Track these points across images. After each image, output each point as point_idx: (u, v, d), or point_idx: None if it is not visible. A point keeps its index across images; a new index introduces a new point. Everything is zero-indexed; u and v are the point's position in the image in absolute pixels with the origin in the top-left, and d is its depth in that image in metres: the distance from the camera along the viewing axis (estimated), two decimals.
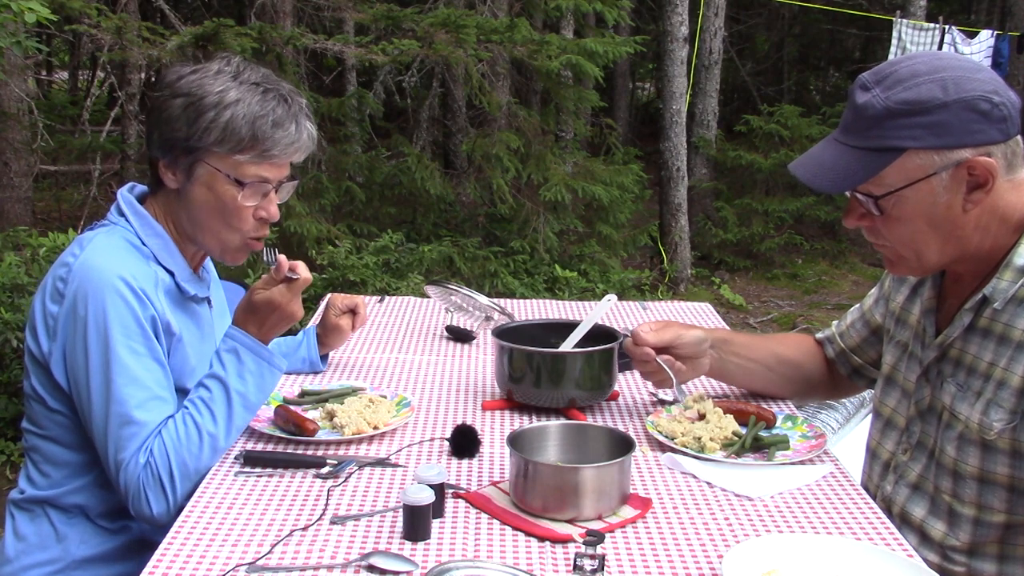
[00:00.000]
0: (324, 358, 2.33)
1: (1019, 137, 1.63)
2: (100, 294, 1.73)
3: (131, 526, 1.87)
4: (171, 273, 1.88)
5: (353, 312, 2.28)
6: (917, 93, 1.57)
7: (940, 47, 8.86)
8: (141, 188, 1.97)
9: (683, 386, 2.07)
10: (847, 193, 1.70)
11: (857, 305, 2.13)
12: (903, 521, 1.78)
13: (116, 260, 1.78)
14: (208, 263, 2.08)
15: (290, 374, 2.28)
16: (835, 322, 2.19)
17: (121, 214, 1.88)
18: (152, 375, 1.76)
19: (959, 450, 1.69)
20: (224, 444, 1.78)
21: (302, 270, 1.85)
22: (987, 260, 1.69)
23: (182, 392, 1.85)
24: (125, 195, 1.91)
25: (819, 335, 2.20)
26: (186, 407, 1.78)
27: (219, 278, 2.22)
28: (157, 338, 1.79)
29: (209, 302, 2.02)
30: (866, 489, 1.90)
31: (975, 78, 1.58)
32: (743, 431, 1.91)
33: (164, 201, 1.91)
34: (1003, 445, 1.63)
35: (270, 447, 1.85)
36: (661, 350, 2.01)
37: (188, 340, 1.90)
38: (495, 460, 1.81)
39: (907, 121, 1.58)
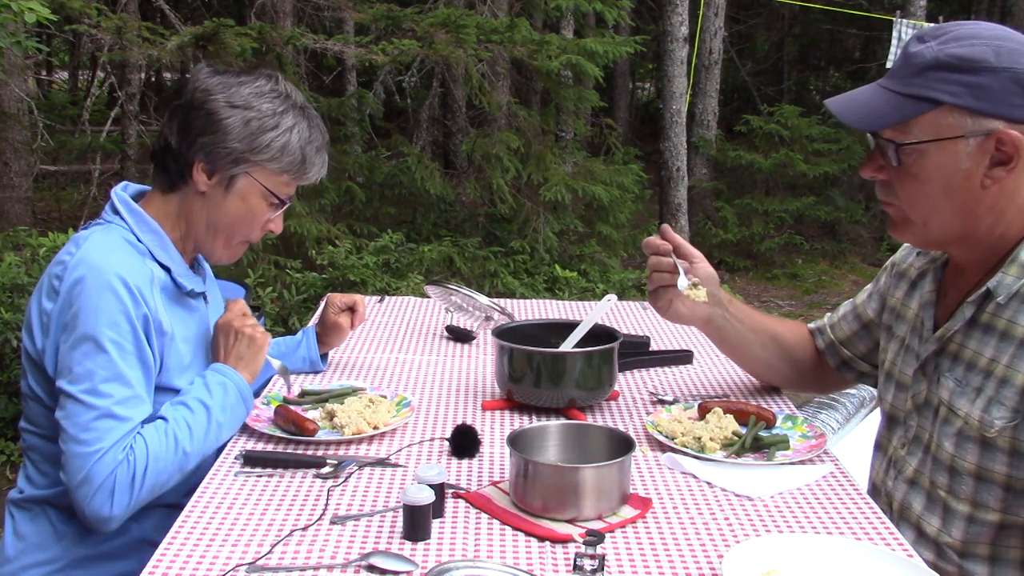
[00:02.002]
0: (324, 357, 2.33)
1: None
2: (94, 290, 1.73)
3: (131, 525, 1.87)
4: (167, 269, 1.89)
5: (352, 310, 2.30)
6: (970, 51, 1.57)
7: None
8: (135, 187, 1.97)
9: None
10: (871, 143, 1.69)
11: (851, 299, 2.14)
12: (902, 517, 1.78)
13: (112, 257, 1.78)
14: (202, 259, 2.09)
15: (290, 374, 2.28)
16: (828, 314, 2.19)
17: (116, 212, 1.89)
18: (135, 374, 1.76)
19: (957, 446, 1.68)
20: (189, 466, 1.79)
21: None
22: (993, 251, 1.68)
23: (168, 391, 1.85)
24: (119, 193, 1.92)
25: (811, 325, 2.20)
26: (166, 420, 1.77)
27: (221, 277, 2.23)
28: (147, 338, 1.79)
29: (205, 297, 2.03)
30: (874, 486, 1.91)
31: None
32: (743, 431, 1.91)
33: (179, 199, 1.92)
34: (1003, 443, 1.63)
35: (270, 447, 1.85)
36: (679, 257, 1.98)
37: (183, 336, 1.90)
38: (495, 460, 1.81)
39: (951, 76, 1.57)
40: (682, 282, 1.95)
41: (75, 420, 1.71)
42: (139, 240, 1.86)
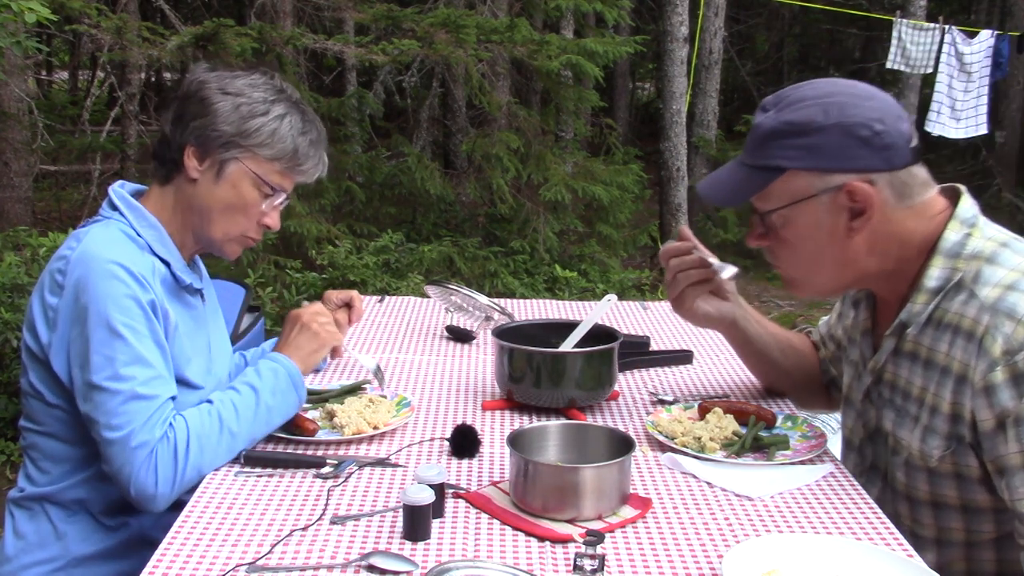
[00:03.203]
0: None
1: (913, 168, 1.63)
2: (100, 280, 1.74)
3: (130, 522, 1.87)
4: (167, 263, 1.89)
5: (348, 306, 2.29)
6: (799, 115, 1.62)
7: (940, 47, 8.87)
8: (132, 186, 1.98)
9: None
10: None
11: (826, 318, 2.14)
12: None
13: (114, 249, 1.79)
14: (199, 259, 2.09)
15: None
16: (817, 329, 2.18)
17: (114, 208, 1.89)
18: (154, 355, 1.77)
19: (908, 476, 1.69)
20: (239, 447, 1.79)
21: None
22: (903, 281, 1.69)
23: (180, 383, 1.85)
24: (117, 190, 1.93)
25: (813, 338, 2.20)
26: (211, 402, 1.79)
27: (221, 277, 2.23)
28: (158, 321, 1.80)
29: (202, 295, 2.03)
30: None
31: (863, 105, 1.61)
32: (743, 431, 1.91)
33: (175, 190, 1.92)
34: (946, 470, 1.63)
35: (270, 447, 1.85)
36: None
37: (184, 330, 1.90)
38: (495, 460, 1.81)
39: (788, 142, 1.62)
40: (728, 270, 1.94)
41: (103, 408, 1.72)
42: (138, 235, 1.87)
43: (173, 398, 1.78)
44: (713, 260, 1.96)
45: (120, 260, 1.76)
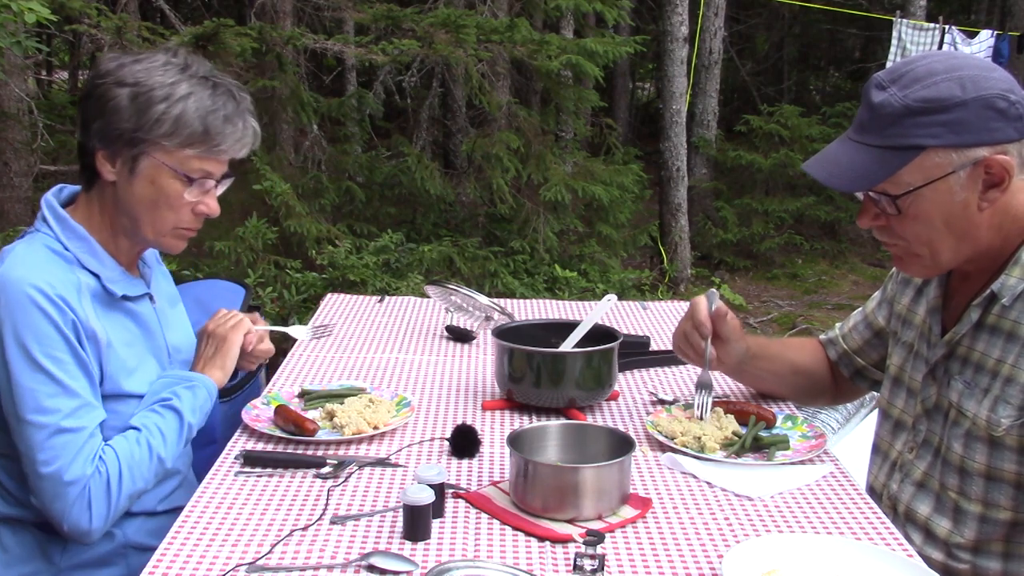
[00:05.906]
0: (256, 373, 2.25)
1: None
2: (15, 307, 1.66)
3: (115, 532, 1.84)
4: (96, 276, 1.80)
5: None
6: (936, 91, 1.57)
7: (940, 47, 8.87)
8: (71, 189, 1.90)
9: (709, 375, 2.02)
10: (858, 195, 1.70)
11: (860, 308, 2.14)
12: (908, 519, 1.78)
13: (32, 269, 1.71)
14: (148, 257, 2.01)
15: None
16: (838, 324, 2.19)
17: (44, 220, 1.82)
18: (78, 382, 1.70)
19: (966, 447, 1.69)
20: (165, 469, 1.79)
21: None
22: (996, 257, 1.69)
23: (119, 397, 1.80)
24: (47, 199, 1.84)
25: (822, 337, 2.20)
26: (138, 429, 1.76)
27: (221, 277, 2.20)
28: (81, 345, 1.72)
29: (151, 298, 1.95)
30: (872, 489, 1.91)
31: (991, 76, 1.60)
32: (743, 431, 1.91)
33: (99, 196, 1.84)
34: (1011, 442, 1.63)
35: (270, 447, 1.85)
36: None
37: (124, 341, 1.83)
38: (495, 460, 1.82)
39: (926, 119, 1.58)
40: (713, 299, 1.99)
41: (30, 443, 1.67)
42: (66, 248, 1.78)
43: (103, 423, 1.74)
44: (707, 358, 1.99)
45: (36, 283, 1.68)
